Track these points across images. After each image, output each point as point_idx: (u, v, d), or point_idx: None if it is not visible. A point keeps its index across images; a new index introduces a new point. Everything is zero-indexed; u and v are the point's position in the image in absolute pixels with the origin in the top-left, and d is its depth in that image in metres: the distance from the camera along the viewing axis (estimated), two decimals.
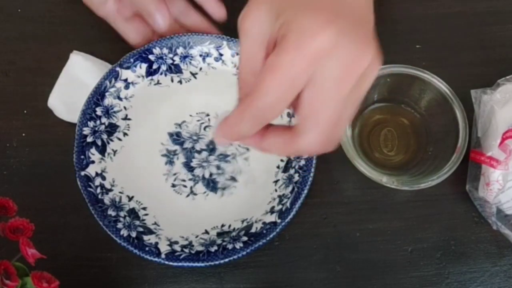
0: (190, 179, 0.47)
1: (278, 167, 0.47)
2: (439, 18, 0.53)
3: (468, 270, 0.45)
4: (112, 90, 0.47)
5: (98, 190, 0.44)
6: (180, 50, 0.48)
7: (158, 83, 0.49)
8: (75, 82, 0.49)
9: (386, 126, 0.48)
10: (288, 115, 0.46)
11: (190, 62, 0.49)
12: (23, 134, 0.50)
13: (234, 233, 0.44)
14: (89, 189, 0.43)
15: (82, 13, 0.53)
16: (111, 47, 0.51)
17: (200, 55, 0.49)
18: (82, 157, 0.45)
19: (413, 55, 0.51)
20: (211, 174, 0.47)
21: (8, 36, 0.53)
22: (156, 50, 0.48)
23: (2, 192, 0.39)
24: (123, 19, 0.49)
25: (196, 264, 0.41)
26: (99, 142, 0.46)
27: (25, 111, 0.50)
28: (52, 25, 0.53)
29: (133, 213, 0.44)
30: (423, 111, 0.47)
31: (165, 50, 0.48)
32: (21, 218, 0.37)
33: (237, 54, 0.48)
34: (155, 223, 0.44)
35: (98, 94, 0.46)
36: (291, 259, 0.46)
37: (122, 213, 0.44)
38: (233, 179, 0.47)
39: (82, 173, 0.44)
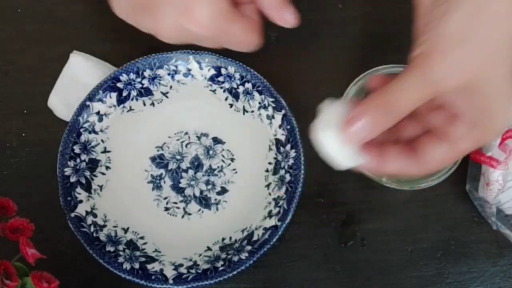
0: (181, 201, 0.46)
1: (267, 170, 0.46)
2: None
3: (468, 270, 0.45)
4: (86, 125, 0.46)
5: (92, 228, 0.43)
6: (147, 73, 0.48)
7: (131, 109, 0.48)
8: (75, 82, 0.49)
9: None
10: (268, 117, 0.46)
11: (159, 83, 0.48)
12: (23, 134, 0.50)
13: (237, 245, 0.43)
14: (82, 229, 0.43)
15: (82, 13, 0.53)
16: (111, 47, 0.52)
17: (169, 74, 0.48)
18: (69, 198, 0.44)
19: None
20: (201, 192, 0.47)
21: (8, 36, 0.53)
22: (123, 77, 0.47)
23: (2, 192, 0.39)
24: None
25: (205, 282, 0.41)
26: (83, 180, 0.45)
27: (25, 111, 0.50)
28: (52, 25, 0.53)
29: (131, 244, 0.44)
30: None
31: (132, 75, 0.47)
32: (21, 218, 0.37)
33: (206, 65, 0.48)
34: (156, 250, 0.44)
35: (73, 132, 0.46)
36: (291, 259, 0.46)
37: (120, 247, 0.43)
38: (223, 190, 0.47)
39: (72, 214, 0.43)
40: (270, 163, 0.46)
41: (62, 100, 0.49)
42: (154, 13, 0.41)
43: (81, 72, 0.49)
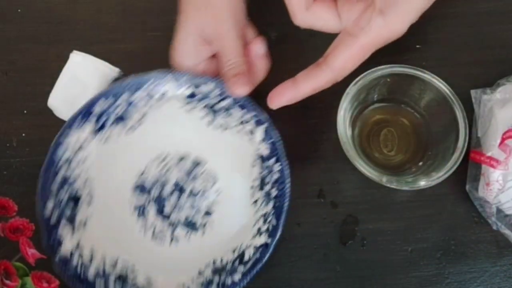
0: (167, 227, 0.46)
1: (252, 187, 0.45)
2: (439, 18, 0.53)
3: (468, 270, 0.45)
4: (61, 162, 0.44)
5: (78, 270, 0.41)
6: (124, 97, 0.46)
7: (108, 138, 0.46)
8: (75, 82, 0.49)
9: (386, 126, 0.48)
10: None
11: (135, 108, 0.46)
12: (23, 134, 0.50)
13: (229, 266, 0.42)
14: (68, 273, 0.41)
15: (82, 13, 0.53)
16: (111, 47, 0.52)
17: (146, 96, 0.46)
18: (53, 239, 0.42)
19: (413, 55, 0.51)
20: (186, 217, 0.46)
21: (8, 36, 0.53)
22: (98, 106, 0.45)
23: (2, 192, 0.39)
24: None
25: None
26: (65, 219, 0.43)
27: (25, 111, 0.50)
28: (52, 25, 0.53)
29: (120, 279, 0.43)
30: (423, 111, 0.47)
31: (108, 102, 0.46)
32: (21, 218, 0.37)
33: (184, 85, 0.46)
34: (147, 279, 0.43)
35: (49, 172, 0.44)
36: (291, 259, 0.46)
37: (111, 282, 0.42)
38: (209, 212, 0.46)
39: (57, 257, 0.41)
40: (254, 180, 0.45)
41: (62, 100, 0.49)
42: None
43: (81, 72, 0.49)
